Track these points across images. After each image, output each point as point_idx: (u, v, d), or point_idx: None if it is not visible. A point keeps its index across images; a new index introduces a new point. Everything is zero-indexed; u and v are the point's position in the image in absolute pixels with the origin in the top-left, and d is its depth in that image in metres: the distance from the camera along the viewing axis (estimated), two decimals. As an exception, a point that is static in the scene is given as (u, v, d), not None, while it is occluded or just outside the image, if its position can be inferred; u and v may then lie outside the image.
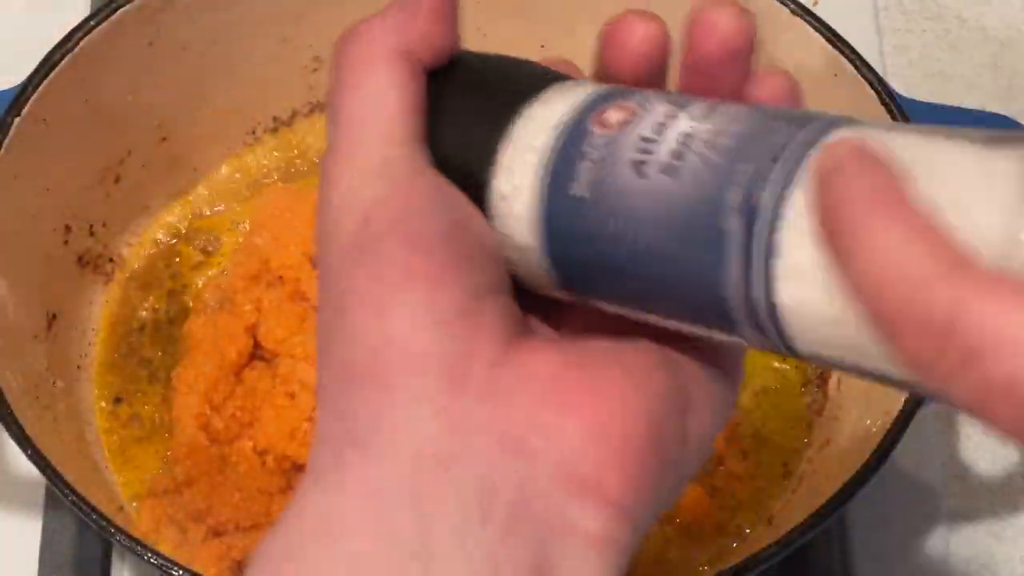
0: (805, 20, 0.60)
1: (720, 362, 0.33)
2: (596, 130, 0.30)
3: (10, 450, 0.58)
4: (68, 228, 0.63)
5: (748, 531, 0.58)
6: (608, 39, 0.33)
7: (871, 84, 0.58)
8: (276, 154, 0.68)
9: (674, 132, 0.30)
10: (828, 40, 0.59)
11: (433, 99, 0.33)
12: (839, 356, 0.28)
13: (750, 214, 0.28)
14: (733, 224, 0.28)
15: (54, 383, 0.60)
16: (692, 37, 0.32)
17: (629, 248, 0.30)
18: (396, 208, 0.30)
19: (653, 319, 0.31)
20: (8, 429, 0.53)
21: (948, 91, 0.76)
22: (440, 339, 0.29)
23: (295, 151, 0.68)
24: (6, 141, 0.57)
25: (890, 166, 0.26)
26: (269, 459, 0.58)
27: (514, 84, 0.33)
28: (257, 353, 0.61)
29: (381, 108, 0.32)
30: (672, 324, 0.31)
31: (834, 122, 0.29)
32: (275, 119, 0.68)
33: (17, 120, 0.57)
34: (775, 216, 0.27)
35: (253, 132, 0.68)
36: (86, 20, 0.59)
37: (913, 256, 0.25)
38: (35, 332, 0.60)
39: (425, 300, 0.29)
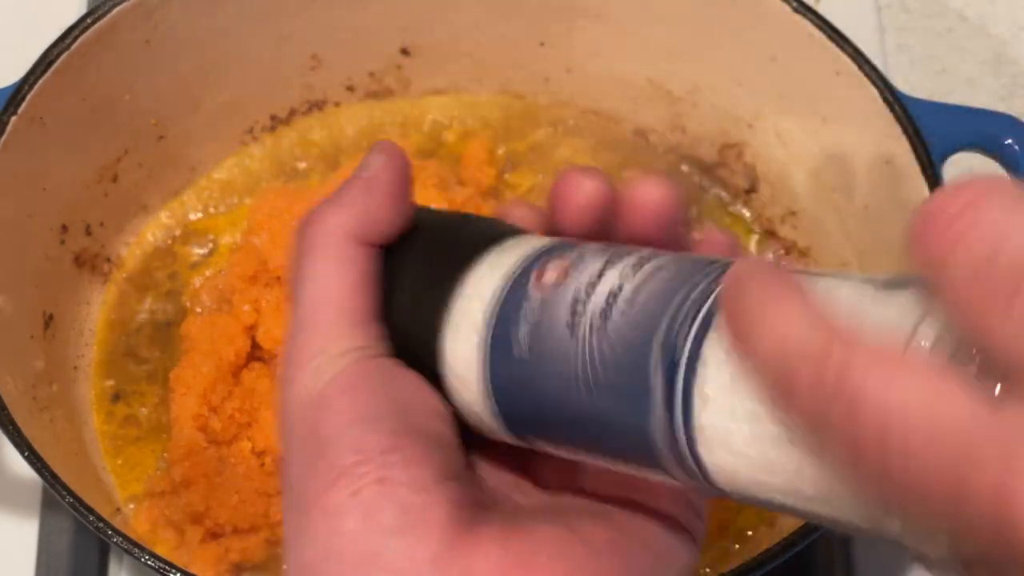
0: (807, 18, 0.60)
1: (685, 521, 0.35)
2: (533, 292, 0.32)
3: (7, 451, 0.58)
4: (65, 228, 0.62)
5: (750, 533, 0.58)
6: (555, 196, 0.36)
7: (873, 82, 0.58)
8: (274, 153, 0.68)
9: (602, 291, 0.31)
10: (830, 38, 0.59)
11: (387, 269, 0.35)
12: (759, 493, 0.29)
13: (669, 370, 0.29)
14: (656, 381, 0.29)
15: (51, 384, 0.60)
16: (625, 217, 0.35)
17: (568, 405, 0.31)
18: (347, 411, 0.32)
19: (593, 463, 0.33)
20: (5, 430, 0.53)
21: (950, 89, 0.76)
22: (384, 540, 0.31)
23: (293, 150, 0.68)
24: (2, 140, 0.56)
25: (787, 272, 0.28)
26: (267, 460, 0.58)
27: (458, 250, 0.35)
28: (255, 354, 0.60)
29: (334, 295, 0.34)
30: (611, 467, 0.32)
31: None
32: (273, 118, 0.68)
33: (13, 119, 0.57)
34: (689, 367, 0.29)
35: (251, 131, 0.68)
36: (83, 18, 0.59)
37: (798, 327, 0.26)
38: (32, 332, 0.60)
39: (376, 506, 0.31)
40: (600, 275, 0.32)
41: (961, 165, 0.60)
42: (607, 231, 0.36)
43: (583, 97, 0.69)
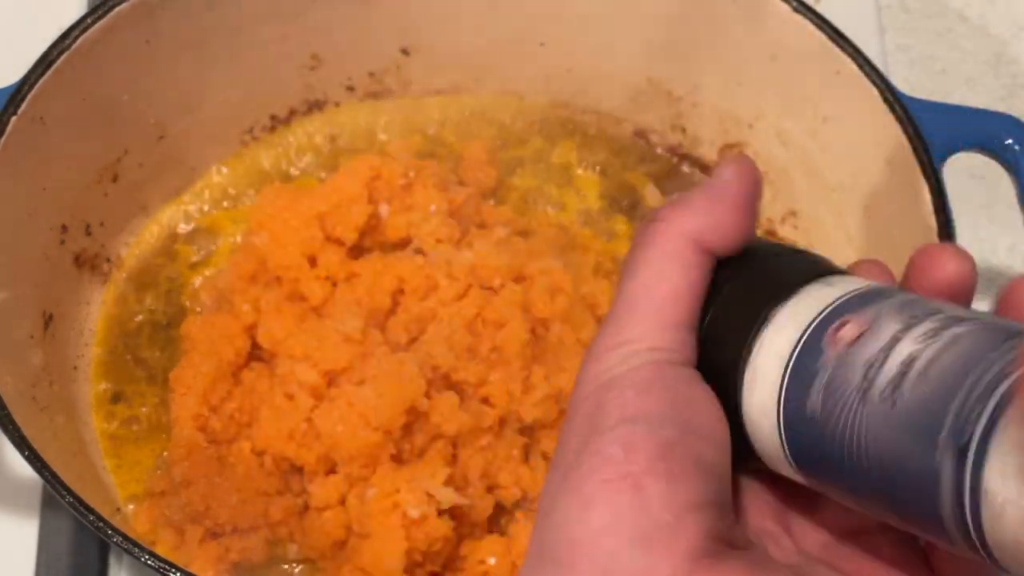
0: (807, 18, 0.60)
1: None
2: (828, 349, 0.32)
3: (7, 451, 0.57)
4: (65, 228, 0.62)
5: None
6: (917, 264, 0.36)
7: (873, 82, 0.58)
8: (274, 153, 0.68)
9: (896, 360, 0.31)
10: (830, 38, 0.59)
11: (713, 281, 0.36)
12: None
13: (959, 453, 0.29)
14: (945, 462, 0.29)
15: (51, 383, 0.60)
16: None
17: (854, 464, 0.31)
18: (630, 406, 0.33)
19: (873, 516, 0.33)
20: (5, 430, 0.53)
21: (950, 89, 0.76)
22: (630, 549, 0.31)
23: (293, 150, 0.68)
24: (2, 140, 0.56)
25: None
26: (267, 460, 0.58)
27: (775, 284, 0.35)
28: (255, 353, 0.60)
29: (659, 292, 0.34)
30: (897, 526, 0.32)
31: None
32: (273, 118, 0.68)
33: (14, 119, 0.57)
34: (979, 454, 0.28)
35: (251, 131, 0.68)
36: (83, 18, 0.59)
37: None
38: (32, 332, 0.60)
39: (627, 509, 0.31)
40: (896, 341, 0.31)
41: (961, 165, 0.60)
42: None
43: (583, 97, 0.69)
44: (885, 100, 0.58)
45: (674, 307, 0.34)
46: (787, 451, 0.33)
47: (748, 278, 0.36)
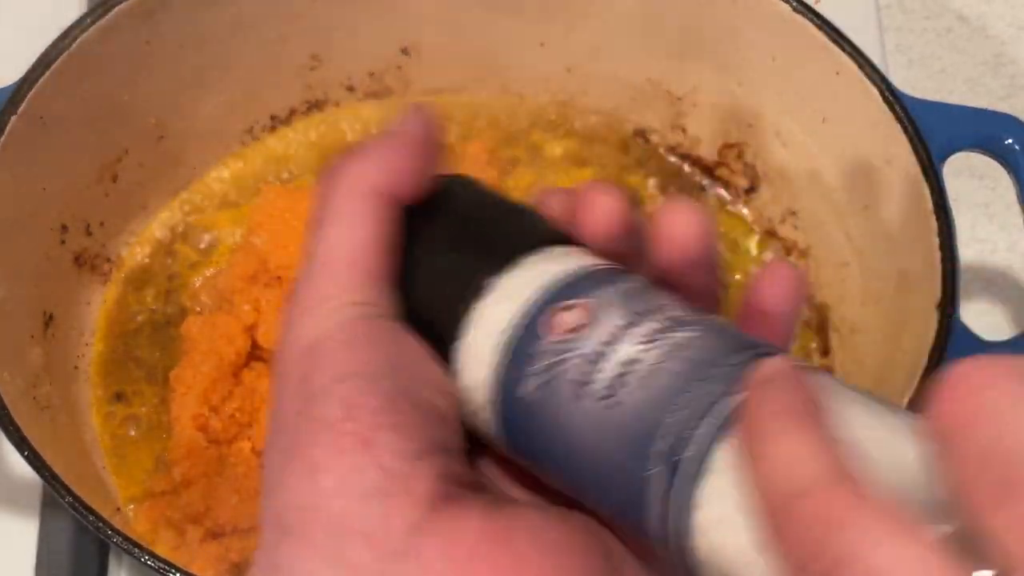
0: (807, 18, 0.60)
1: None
2: (547, 335, 0.31)
3: (7, 451, 0.58)
4: (65, 227, 0.62)
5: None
6: (575, 212, 0.35)
7: (873, 82, 0.58)
8: (274, 153, 0.68)
9: (615, 358, 0.30)
10: (830, 38, 0.59)
11: (413, 235, 0.34)
12: None
13: (672, 467, 0.28)
14: (656, 473, 0.29)
15: (51, 383, 0.60)
16: (653, 247, 0.34)
17: (563, 457, 0.31)
18: (343, 363, 0.31)
19: (581, 501, 0.32)
20: (5, 430, 0.53)
21: (949, 89, 0.76)
22: (362, 504, 0.30)
23: (293, 150, 0.68)
24: (2, 140, 0.56)
25: (812, 391, 0.28)
26: (268, 460, 0.58)
27: (489, 243, 0.34)
28: (255, 353, 0.60)
29: (348, 245, 0.33)
30: (601, 512, 0.32)
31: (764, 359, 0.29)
32: (273, 118, 0.68)
33: (13, 119, 0.57)
34: (692, 467, 0.28)
35: (251, 131, 0.68)
36: (82, 18, 0.59)
37: (807, 463, 0.26)
38: (32, 332, 0.60)
39: (356, 466, 0.30)
40: (616, 339, 0.31)
41: (961, 165, 0.60)
42: (632, 254, 0.35)
43: (583, 97, 0.69)
44: (885, 100, 0.58)
45: (368, 259, 0.33)
46: (498, 429, 0.33)
47: (459, 233, 0.34)
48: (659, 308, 0.31)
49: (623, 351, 0.30)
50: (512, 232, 0.34)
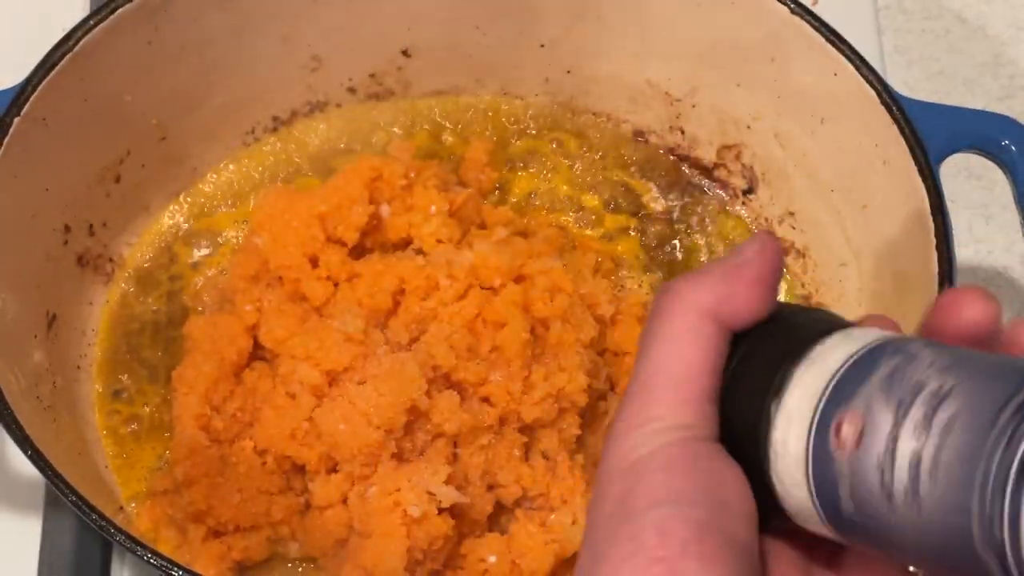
0: (805, 20, 0.60)
1: None
2: (837, 453, 0.33)
3: (10, 450, 0.58)
4: (68, 228, 0.62)
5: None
6: (941, 307, 0.35)
7: (871, 84, 0.58)
8: (276, 154, 0.68)
9: (903, 461, 0.31)
10: (828, 40, 0.59)
11: (731, 353, 0.36)
12: None
13: (997, 548, 0.29)
14: (985, 558, 0.29)
15: (54, 383, 0.60)
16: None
17: (901, 550, 0.32)
18: (661, 490, 0.33)
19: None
20: (8, 429, 0.53)
21: (948, 90, 0.76)
22: None
23: (295, 151, 0.68)
24: (6, 140, 0.57)
25: None
26: (269, 459, 0.58)
27: (785, 346, 0.35)
28: (257, 353, 0.61)
29: (679, 366, 0.35)
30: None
31: None
32: (275, 119, 0.68)
33: (17, 120, 0.57)
34: (1015, 542, 0.29)
35: (252, 131, 0.68)
36: (85, 19, 0.59)
37: None
38: (35, 332, 0.60)
39: None
40: (894, 440, 0.31)
41: (958, 166, 0.60)
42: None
43: (583, 98, 0.69)
44: (883, 101, 0.58)
45: (693, 382, 0.34)
46: (824, 518, 0.34)
47: (763, 346, 0.36)
48: (919, 387, 0.32)
49: (905, 449, 0.31)
50: (802, 327, 0.35)
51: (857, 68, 0.59)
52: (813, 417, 0.33)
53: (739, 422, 0.35)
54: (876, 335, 0.34)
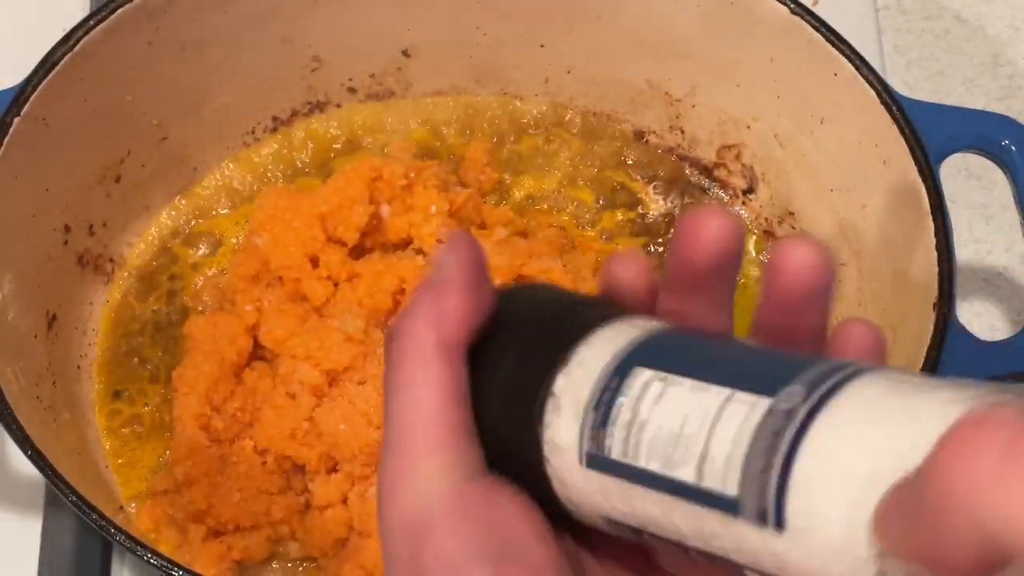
0: (805, 20, 0.60)
1: None
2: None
3: (10, 450, 0.58)
4: (68, 228, 0.63)
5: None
6: (682, 231, 0.34)
7: (871, 84, 0.58)
8: (276, 154, 0.68)
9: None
10: (828, 40, 0.59)
11: (475, 367, 0.34)
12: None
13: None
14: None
15: (54, 383, 0.60)
16: (770, 275, 0.33)
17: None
18: (446, 550, 0.32)
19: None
20: (8, 429, 0.53)
21: (947, 91, 0.76)
22: None
23: (295, 151, 0.68)
24: (6, 140, 0.57)
25: None
26: (269, 459, 0.58)
27: (547, 343, 0.34)
28: (257, 353, 0.61)
29: (427, 408, 0.34)
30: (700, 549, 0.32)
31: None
32: (275, 119, 0.68)
33: (17, 120, 0.57)
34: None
35: (252, 132, 0.68)
36: (86, 19, 0.59)
37: None
38: (35, 332, 0.60)
39: None
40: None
41: (958, 166, 0.60)
42: (733, 274, 0.34)
43: (583, 98, 0.69)
44: (882, 101, 0.58)
45: (448, 416, 0.33)
46: (605, 520, 0.33)
47: (517, 345, 0.35)
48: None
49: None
50: (564, 324, 0.34)
51: (857, 68, 0.59)
52: (585, 408, 0.32)
53: (506, 436, 0.34)
54: (633, 330, 0.33)
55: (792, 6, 0.60)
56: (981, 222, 0.73)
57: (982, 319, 0.69)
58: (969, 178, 0.72)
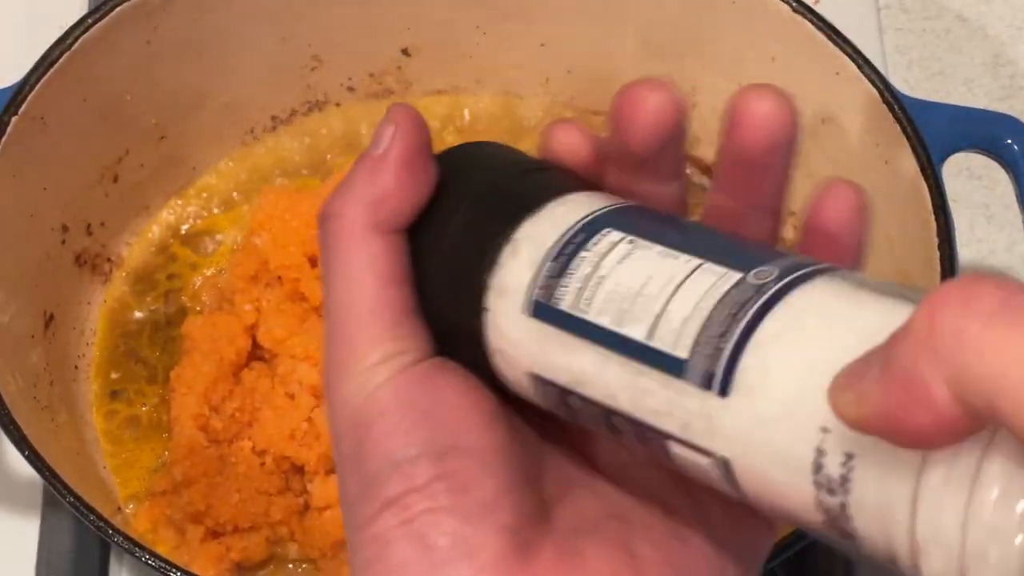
0: (807, 19, 0.60)
1: (736, 547, 0.33)
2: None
3: (8, 450, 0.58)
4: (66, 228, 0.62)
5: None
6: (619, 111, 0.33)
7: (872, 83, 0.58)
8: (275, 154, 0.68)
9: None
10: (829, 39, 0.59)
11: (416, 242, 0.33)
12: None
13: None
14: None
15: (52, 383, 0.60)
16: (731, 128, 0.33)
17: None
18: (390, 439, 0.31)
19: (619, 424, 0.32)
20: (6, 430, 0.53)
21: (949, 90, 0.76)
22: (434, 572, 0.30)
23: (294, 151, 0.68)
24: (3, 140, 0.57)
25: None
26: (268, 460, 0.58)
27: (505, 203, 0.33)
28: (256, 353, 0.61)
29: (367, 293, 0.32)
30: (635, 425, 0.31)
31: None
32: (274, 118, 0.68)
33: (15, 119, 0.57)
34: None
35: (252, 131, 0.68)
36: (84, 18, 0.59)
37: None
38: (32, 332, 0.60)
39: (421, 534, 0.30)
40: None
41: (960, 165, 0.60)
42: (679, 149, 0.33)
43: (583, 98, 0.69)
44: (884, 100, 0.58)
45: (384, 303, 0.32)
46: (536, 389, 0.32)
47: (461, 221, 0.33)
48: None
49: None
50: (512, 194, 0.33)
51: (859, 67, 0.59)
52: (545, 256, 0.31)
53: (448, 300, 0.33)
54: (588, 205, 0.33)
55: (794, 5, 0.60)
56: (983, 222, 0.72)
57: (984, 319, 0.69)
58: (971, 178, 0.72)
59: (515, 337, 0.32)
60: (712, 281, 0.29)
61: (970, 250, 0.71)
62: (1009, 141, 0.58)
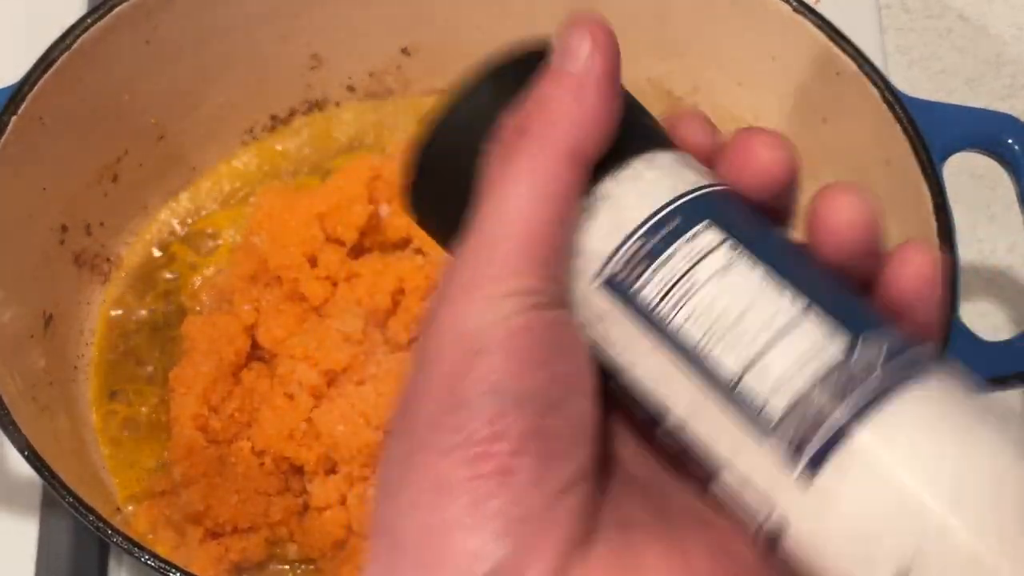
0: (807, 18, 0.60)
1: None
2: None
3: (7, 451, 0.58)
4: (65, 227, 0.62)
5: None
6: (733, 154, 0.32)
7: (873, 82, 0.58)
8: (275, 153, 0.68)
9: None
10: (830, 38, 0.59)
11: None
12: None
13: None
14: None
15: (51, 383, 0.60)
16: (815, 233, 0.32)
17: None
18: (498, 375, 0.28)
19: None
20: (5, 430, 0.53)
21: (950, 90, 0.76)
22: (496, 544, 0.27)
23: (294, 150, 0.68)
24: (2, 140, 0.56)
25: None
26: (267, 460, 0.58)
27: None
28: (255, 353, 0.60)
29: (532, 221, 0.29)
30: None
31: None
32: (273, 118, 0.68)
33: (14, 119, 0.57)
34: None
35: (251, 131, 0.68)
36: (83, 18, 0.59)
37: None
38: (32, 332, 0.60)
39: (488, 496, 0.27)
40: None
41: (961, 165, 0.60)
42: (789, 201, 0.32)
43: (583, 97, 0.69)
44: (885, 100, 0.58)
45: (545, 242, 0.29)
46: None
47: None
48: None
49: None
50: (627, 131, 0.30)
51: (860, 67, 0.59)
52: (633, 231, 0.29)
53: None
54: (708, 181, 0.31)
55: (794, 4, 0.60)
56: (984, 221, 0.72)
57: (985, 319, 0.69)
58: (972, 177, 0.72)
59: (575, 297, 0.30)
60: (818, 341, 0.28)
61: (971, 250, 0.71)
62: (1010, 141, 0.58)
